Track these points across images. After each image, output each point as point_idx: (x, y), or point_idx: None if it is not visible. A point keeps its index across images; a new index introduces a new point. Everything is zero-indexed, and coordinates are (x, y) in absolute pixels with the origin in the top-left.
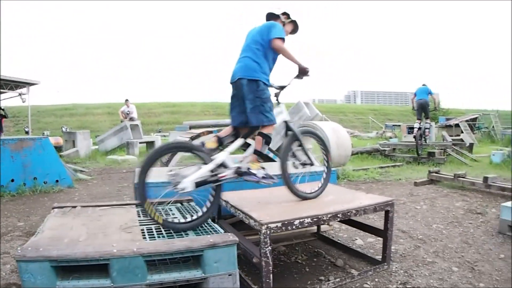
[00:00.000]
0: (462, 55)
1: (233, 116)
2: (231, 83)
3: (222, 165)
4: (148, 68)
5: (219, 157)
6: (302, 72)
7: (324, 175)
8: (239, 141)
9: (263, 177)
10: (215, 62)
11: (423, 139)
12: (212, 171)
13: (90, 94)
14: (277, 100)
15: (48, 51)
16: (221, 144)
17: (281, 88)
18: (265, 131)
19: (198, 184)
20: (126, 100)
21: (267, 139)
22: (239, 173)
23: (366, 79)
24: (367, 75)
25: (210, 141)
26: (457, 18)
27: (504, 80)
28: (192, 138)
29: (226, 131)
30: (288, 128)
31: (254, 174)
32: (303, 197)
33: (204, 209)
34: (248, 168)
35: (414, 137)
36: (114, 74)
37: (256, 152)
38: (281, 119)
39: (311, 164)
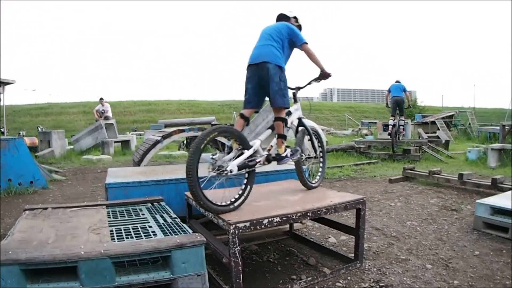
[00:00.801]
0: (441, 52)
1: (248, 97)
2: (252, 64)
3: (256, 152)
4: (124, 66)
5: (256, 144)
6: (324, 76)
7: (321, 169)
8: (269, 131)
9: (291, 155)
10: (190, 60)
11: (398, 136)
12: (249, 157)
13: (65, 93)
14: (294, 99)
15: (25, 49)
16: None
17: (298, 88)
18: (282, 115)
19: (239, 168)
20: (101, 99)
21: (285, 122)
22: (269, 160)
23: (343, 77)
24: (344, 72)
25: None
26: (440, 18)
27: (481, 78)
28: (164, 137)
29: (240, 124)
30: (300, 124)
31: (285, 157)
32: (310, 187)
33: (240, 193)
34: (278, 154)
35: (389, 134)
36: (89, 73)
37: (280, 136)
38: (296, 116)
39: (315, 157)
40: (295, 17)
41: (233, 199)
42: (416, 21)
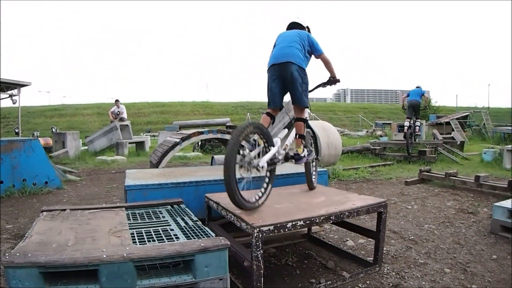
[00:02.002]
0: (456, 52)
1: (273, 97)
2: (277, 64)
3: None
4: (139, 68)
5: (278, 143)
6: (333, 82)
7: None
8: (286, 131)
9: (308, 155)
10: (206, 62)
11: (414, 137)
12: (274, 154)
13: (79, 94)
14: None
15: (37, 51)
16: None
17: None
18: (303, 116)
19: (268, 164)
20: (116, 101)
21: (306, 123)
22: (287, 158)
23: (356, 77)
24: (357, 73)
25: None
26: (449, 18)
27: (495, 77)
28: (183, 139)
29: (266, 122)
30: (307, 126)
31: (303, 157)
32: (313, 188)
33: (263, 191)
34: (297, 153)
35: (405, 136)
36: (103, 74)
37: (300, 136)
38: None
39: (317, 159)
40: (307, 27)
41: (257, 197)
42: (431, 20)
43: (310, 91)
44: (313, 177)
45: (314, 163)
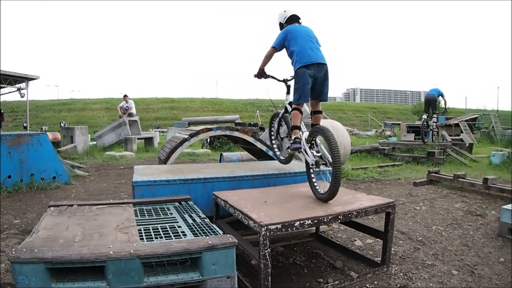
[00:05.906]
0: (463, 54)
1: (307, 93)
2: (314, 63)
3: None
4: (147, 63)
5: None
6: None
7: None
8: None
9: None
10: (216, 58)
11: (432, 135)
12: None
13: (88, 89)
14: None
15: (46, 45)
16: None
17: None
18: (321, 108)
19: None
20: (125, 96)
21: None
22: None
23: (365, 77)
24: (367, 72)
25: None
26: (457, 17)
27: (504, 80)
28: (191, 135)
29: (300, 118)
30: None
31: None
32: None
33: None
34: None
35: (421, 125)
36: (112, 69)
37: None
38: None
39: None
40: None
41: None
42: (441, 21)
43: (290, 80)
44: None
45: None
